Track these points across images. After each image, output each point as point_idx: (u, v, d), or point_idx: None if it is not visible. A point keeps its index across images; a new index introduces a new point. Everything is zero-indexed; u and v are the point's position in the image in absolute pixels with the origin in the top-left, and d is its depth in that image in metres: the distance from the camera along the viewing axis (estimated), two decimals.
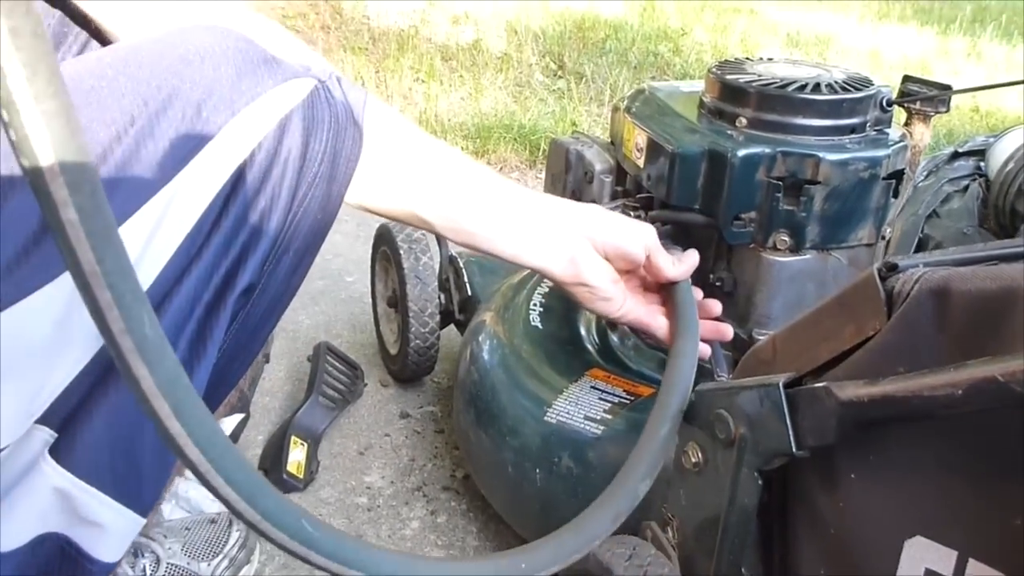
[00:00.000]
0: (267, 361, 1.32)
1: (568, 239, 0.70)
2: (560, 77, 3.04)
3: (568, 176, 1.06)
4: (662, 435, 0.60)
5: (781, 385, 0.53)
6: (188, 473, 0.75)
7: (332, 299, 1.53)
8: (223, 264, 0.51)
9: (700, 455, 0.61)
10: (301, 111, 0.52)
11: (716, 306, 0.80)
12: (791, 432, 0.52)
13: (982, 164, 1.61)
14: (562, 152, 1.07)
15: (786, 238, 0.87)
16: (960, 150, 1.52)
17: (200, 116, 0.48)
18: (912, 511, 0.47)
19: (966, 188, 1.60)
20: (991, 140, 1.64)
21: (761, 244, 0.87)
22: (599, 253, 0.71)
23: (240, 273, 0.52)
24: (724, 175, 0.85)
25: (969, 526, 0.44)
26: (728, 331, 0.81)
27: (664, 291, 0.78)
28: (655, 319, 0.76)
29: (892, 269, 0.50)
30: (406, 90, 2.77)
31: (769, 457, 0.53)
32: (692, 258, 0.78)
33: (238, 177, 0.50)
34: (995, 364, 0.39)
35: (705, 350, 0.78)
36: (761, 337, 0.90)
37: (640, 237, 0.72)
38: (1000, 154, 1.52)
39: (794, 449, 0.50)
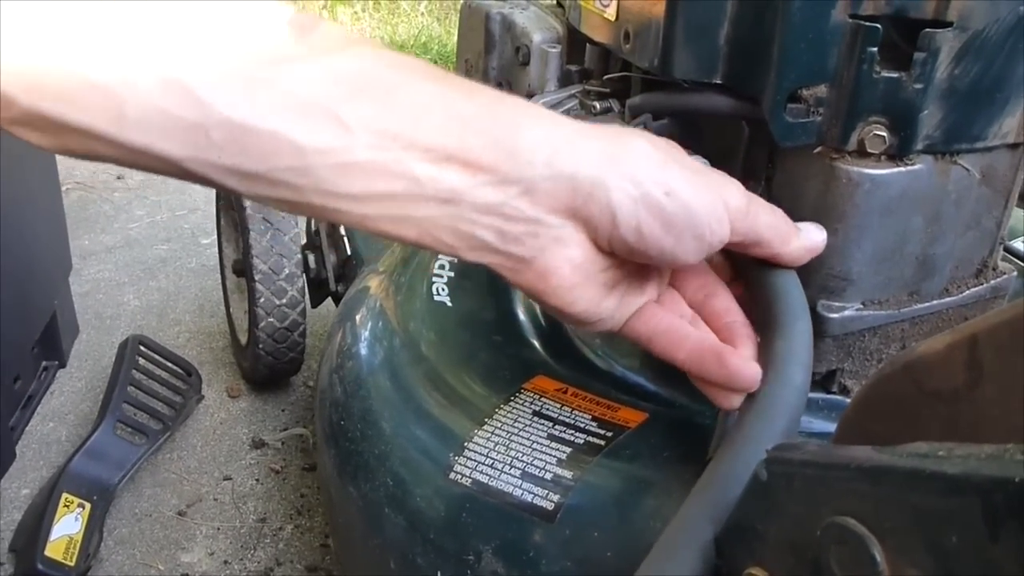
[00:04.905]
0: (62, 366, 0.90)
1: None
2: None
3: (490, 57, 0.66)
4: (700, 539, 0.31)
5: None
6: None
7: (177, 270, 1.10)
8: None
9: None
10: None
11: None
12: None
13: None
14: (479, 21, 0.66)
15: (883, 133, 0.47)
16: None
17: None
18: None
19: None
20: None
21: (836, 145, 0.48)
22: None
23: None
24: (771, 18, 0.45)
25: None
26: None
27: (745, 286, 0.45)
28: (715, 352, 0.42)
29: None
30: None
31: None
32: (816, 238, 0.44)
33: None
34: None
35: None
36: (832, 315, 0.51)
37: (719, 201, 0.39)
38: None
39: None
